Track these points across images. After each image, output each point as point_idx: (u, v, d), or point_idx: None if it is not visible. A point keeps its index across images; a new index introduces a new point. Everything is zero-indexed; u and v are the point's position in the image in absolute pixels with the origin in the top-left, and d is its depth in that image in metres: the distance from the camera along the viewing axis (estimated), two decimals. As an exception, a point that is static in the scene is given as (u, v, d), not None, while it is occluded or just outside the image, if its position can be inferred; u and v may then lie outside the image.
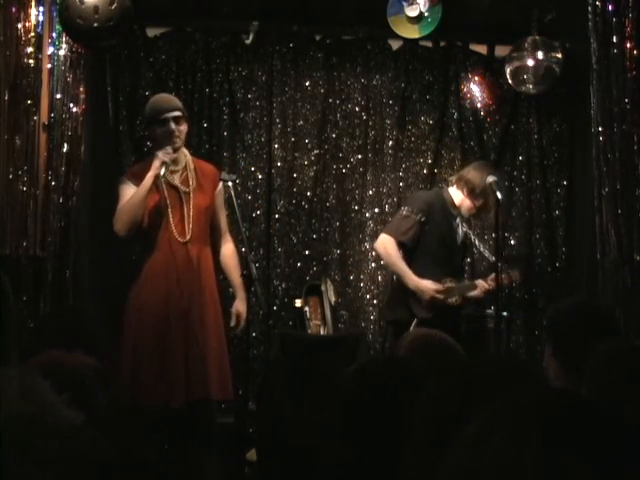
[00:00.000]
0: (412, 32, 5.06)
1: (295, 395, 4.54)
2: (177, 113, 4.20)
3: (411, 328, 4.54)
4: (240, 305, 4.30)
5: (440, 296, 4.57)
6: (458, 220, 4.77)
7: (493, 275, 4.61)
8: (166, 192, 4.19)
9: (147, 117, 4.33)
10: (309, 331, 5.06)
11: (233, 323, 4.30)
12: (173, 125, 4.16)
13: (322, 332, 5.08)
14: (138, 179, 4.18)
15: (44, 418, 1.17)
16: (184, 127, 4.23)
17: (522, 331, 5.52)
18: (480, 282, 4.70)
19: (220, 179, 4.26)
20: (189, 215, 4.19)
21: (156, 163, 4.11)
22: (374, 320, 5.40)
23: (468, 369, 1.39)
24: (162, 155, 4.11)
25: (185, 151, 4.33)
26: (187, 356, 4.07)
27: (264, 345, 5.25)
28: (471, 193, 4.68)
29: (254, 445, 4.66)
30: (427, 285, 4.57)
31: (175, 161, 4.22)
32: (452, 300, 4.65)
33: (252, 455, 4.62)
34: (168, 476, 4.16)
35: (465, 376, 1.33)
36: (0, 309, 1.91)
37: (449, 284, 4.65)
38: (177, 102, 4.31)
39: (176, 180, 4.24)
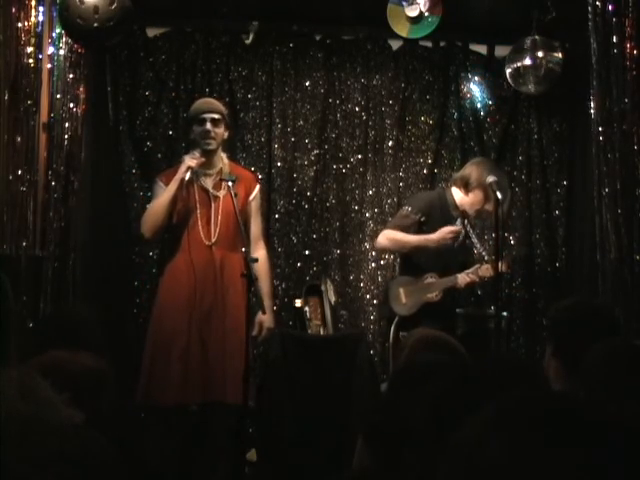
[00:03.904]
0: (402, 30, 5.01)
1: (295, 395, 4.54)
2: (215, 115, 4.25)
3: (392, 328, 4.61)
4: (264, 314, 4.26)
5: (452, 233, 4.57)
6: (458, 222, 4.76)
7: (473, 268, 4.64)
8: (197, 195, 4.23)
9: (188, 117, 4.42)
10: (309, 331, 5.06)
11: (255, 332, 4.27)
12: (209, 125, 4.22)
13: (322, 332, 5.08)
14: (170, 181, 4.23)
15: (44, 418, 1.16)
16: (221, 130, 4.28)
17: (522, 331, 5.51)
18: (460, 276, 4.67)
19: (220, 179, 4.26)
20: (217, 219, 4.22)
21: (182, 168, 4.16)
22: (374, 320, 5.39)
23: (469, 369, 1.39)
24: (188, 160, 4.17)
25: (223, 155, 4.37)
26: (206, 358, 4.09)
27: (264, 345, 5.24)
28: (466, 187, 4.68)
29: (254, 445, 4.66)
30: (434, 235, 4.57)
31: (210, 164, 4.27)
32: (432, 295, 4.65)
33: (252, 455, 4.62)
34: (168, 476, 4.17)
35: (466, 376, 1.33)
36: (0, 309, 1.91)
37: (430, 280, 4.66)
38: (219, 106, 4.36)
39: (208, 184, 4.27)
